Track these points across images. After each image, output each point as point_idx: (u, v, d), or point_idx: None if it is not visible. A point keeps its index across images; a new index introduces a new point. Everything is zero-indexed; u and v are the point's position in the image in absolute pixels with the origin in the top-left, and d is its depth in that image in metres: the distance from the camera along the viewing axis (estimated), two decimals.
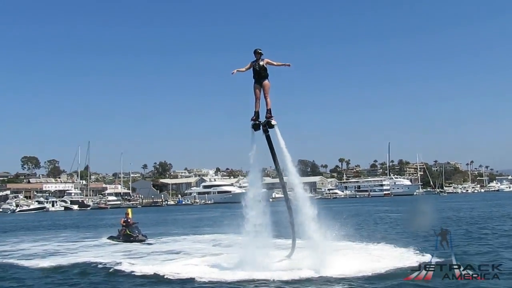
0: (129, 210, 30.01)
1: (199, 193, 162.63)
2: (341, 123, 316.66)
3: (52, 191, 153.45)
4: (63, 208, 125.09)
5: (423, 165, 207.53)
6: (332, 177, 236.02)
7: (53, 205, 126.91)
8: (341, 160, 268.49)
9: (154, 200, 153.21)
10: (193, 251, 21.80)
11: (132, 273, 15.38)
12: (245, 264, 14.38)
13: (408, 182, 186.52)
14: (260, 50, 14.65)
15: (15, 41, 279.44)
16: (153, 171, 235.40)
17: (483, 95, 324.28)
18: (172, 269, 15.41)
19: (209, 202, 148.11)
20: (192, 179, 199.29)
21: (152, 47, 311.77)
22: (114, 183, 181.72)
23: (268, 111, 14.73)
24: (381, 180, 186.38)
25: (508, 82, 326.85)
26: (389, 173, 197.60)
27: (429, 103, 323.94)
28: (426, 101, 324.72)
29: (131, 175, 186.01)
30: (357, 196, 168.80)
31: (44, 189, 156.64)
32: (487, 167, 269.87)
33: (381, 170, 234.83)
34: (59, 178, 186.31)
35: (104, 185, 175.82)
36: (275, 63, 14.73)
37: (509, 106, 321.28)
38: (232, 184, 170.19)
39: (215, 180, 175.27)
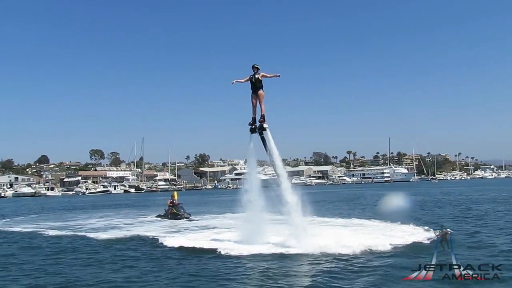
0: (175, 193, 29.94)
1: (231, 179, 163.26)
2: (349, 121, 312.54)
3: (114, 177, 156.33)
4: (122, 191, 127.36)
5: (418, 156, 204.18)
6: (341, 166, 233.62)
7: (114, 189, 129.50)
8: (349, 152, 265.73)
9: (195, 185, 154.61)
10: (226, 226, 21.77)
11: (172, 245, 15.46)
12: (248, 238, 14.32)
13: (405, 171, 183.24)
14: (257, 65, 14.53)
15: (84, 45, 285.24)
16: (194, 161, 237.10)
17: (471, 94, 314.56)
18: (202, 242, 15.46)
19: (240, 187, 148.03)
20: (226, 168, 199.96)
21: (192, 47, 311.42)
22: (163, 170, 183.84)
23: (262, 116, 14.58)
24: (383, 169, 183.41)
25: (492, 80, 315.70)
26: (389, 163, 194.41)
27: (423, 102, 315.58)
28: (421, 100, 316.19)
29: (177, 164, 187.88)
30: (362, 182, 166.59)
31: (107, 175, 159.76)
32: (472, 157, 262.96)
33: (382, 161, 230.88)
34: (119, 166, 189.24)
35: (155, 173, 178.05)
36: (268, 75, 14.56)
37: (493, 104, 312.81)
38: (258, 172, 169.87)
39: (245, 169, 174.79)
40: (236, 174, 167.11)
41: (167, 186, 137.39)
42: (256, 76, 14.48)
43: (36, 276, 11.52)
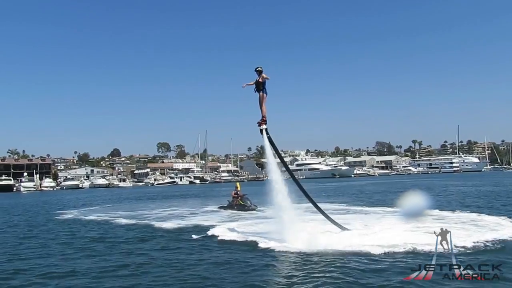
0: (238, 184, 29.52)
1: (293, 170, 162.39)
2: (414, 109, 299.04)
3: (180, 169, 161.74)
4: (188, 182, 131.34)
5: (490, 145, 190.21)
6: (406, 156, 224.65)
7: (180, 180, 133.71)
8: (414, 141, 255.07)
9: (257, 176, 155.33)
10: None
11: (216, 235, 15.77)
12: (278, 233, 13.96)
13: (476, 160, 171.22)
14: (259, 68, 14.47)
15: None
16: (256, 153, 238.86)
17: None
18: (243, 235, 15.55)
19: (301, 177, 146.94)
20: (287, 159, 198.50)
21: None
22: (226, 162, 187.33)
23: (262, 117, 14.71)
24: (451, 158, 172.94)
25: None
26: (458, 152, 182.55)
27: (496, 85, 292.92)
28: (493, 83, 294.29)
29: (239, 156, 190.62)
30: (429, 172, 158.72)
31: (174, 167, 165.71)
32: None
33: (451, 150, 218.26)
34: (185, 159, 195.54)
35: (218, 164, 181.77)
36: (264, 76, 14.48)
37: None
38: (319, 163, 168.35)
39: (306, 159, 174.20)
40: (298, 165, 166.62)
41: (230, 178, 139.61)
42: (257, 78, 14.61)
43: (82, 259, 12.46)
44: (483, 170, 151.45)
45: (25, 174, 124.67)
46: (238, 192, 27.57)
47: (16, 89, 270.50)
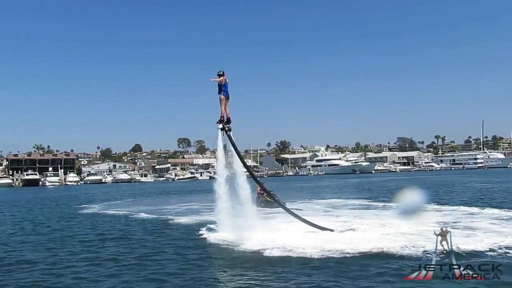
0: None
1: (312, 166, 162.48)
2: (437, 103, 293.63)
3: (200, 164, 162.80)
4: (208, 177, 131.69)
5: None
6: (429, 151, 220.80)
7: (201, 175, 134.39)
8: (437, 137, 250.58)
9: (277, 171, 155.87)
10: (310, 211, 22.08)
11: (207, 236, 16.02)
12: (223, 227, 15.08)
13: (501, 156, 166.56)
14: (220, 72, 15.21)
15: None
16: (275, 148, 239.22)
17: None
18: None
19: (321, 173, 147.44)
20: (307, 154, 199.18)
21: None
22: (245, 158, 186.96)
23: (220, 117, 15.60)
24: (475, 154, 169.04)
25: None
26: (482, 148, 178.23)
27: None
28: None
29: (259, 151, 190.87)
30: (452, 168, 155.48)
31: (194, 163, 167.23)
32: None
33: (475, 145, 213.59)
34: (205, 154, 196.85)
35: None
36: (219, 80, 15.23)
37: None
38: (340, 159, 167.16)
39: (325, 155, 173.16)
40: (317, 160, 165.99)
41: None
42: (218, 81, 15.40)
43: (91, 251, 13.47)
44: (508, 166, 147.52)
45: (50, 169, 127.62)
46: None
47: (41, 86, 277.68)
